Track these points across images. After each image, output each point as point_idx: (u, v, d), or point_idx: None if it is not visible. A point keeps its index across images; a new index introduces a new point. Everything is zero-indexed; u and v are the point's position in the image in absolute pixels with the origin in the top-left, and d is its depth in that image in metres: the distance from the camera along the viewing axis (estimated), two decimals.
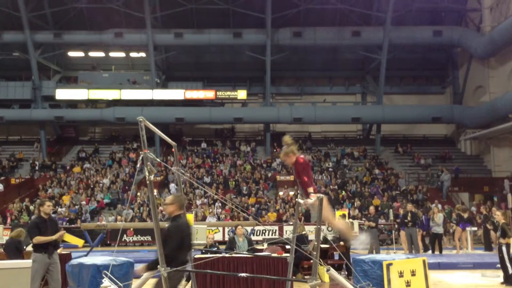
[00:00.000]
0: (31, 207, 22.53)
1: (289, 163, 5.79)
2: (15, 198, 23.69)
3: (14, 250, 9.21)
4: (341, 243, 10.87)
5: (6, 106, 28.36)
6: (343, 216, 13.03)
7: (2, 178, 26.33)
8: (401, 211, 18.30)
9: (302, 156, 5.75)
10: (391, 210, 18.48)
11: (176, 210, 5.37)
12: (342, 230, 5.65)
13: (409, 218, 14.85)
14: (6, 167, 27.60)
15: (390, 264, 7.91)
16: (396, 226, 17.96)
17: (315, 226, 5.61)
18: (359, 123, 30.33)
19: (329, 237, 11.95)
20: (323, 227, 9.69)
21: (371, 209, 15.86)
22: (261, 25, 27.10)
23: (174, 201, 5.42)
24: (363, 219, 19.00)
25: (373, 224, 14.54)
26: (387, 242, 19.05)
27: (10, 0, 26.39)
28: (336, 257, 11.35)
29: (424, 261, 8.28)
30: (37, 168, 27.58)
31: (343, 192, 24.42)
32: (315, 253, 4.99)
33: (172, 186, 23.82)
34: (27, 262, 4.38)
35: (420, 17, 28.29)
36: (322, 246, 9.82)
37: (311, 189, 5.57)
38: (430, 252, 15.71)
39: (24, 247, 9.57)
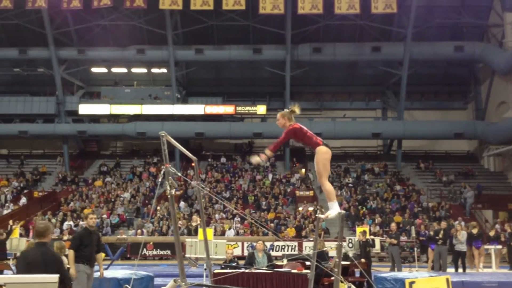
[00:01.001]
0: (53, 220, 22.84)
1: (281, 125, 5.88)
2: (38, 211, 24.06)
3: None
4: (362, 260, 10.72)
5: (30, 121, 28.98)
6: (364, 232, 12.83)
7: (26, 191, 26.80)
8: (423, 228, 18.02)
9: (296, 125, 5.81)
10: (413, 227, 18.18)
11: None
12: (327, 191, 5.58)
13: (440, 236, 14.50)
14: (29, 180, 28.11)
15: (413, 282, 7.74)
16: (418, 243, 17.62)
17: (335, 243, 5.56)
18: (380, 138, 30.10)
19: (350, 253, 11.81)
20: (344, 243, 9.60)
21: (393, 225, 15.65)
22: (280, 41, 27.28)
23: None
24: (385, 236, 18.75)
25: (395, 241, 14.32)
26: (409, 260, 18.70)
27: (35, 17, 27.15)
28: (357, 274, 11.19)
29: (447, 280, 8.07)
30: (59, 181, 28.01)
31: (364, 208, 24.15)
32: (336, 270, 4.95)
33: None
34: (53, 277, 4.41)
35: (441, 33, 28.13)
36: (343, 262, 9.70)
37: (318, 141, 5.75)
38: (453, 270, 15.35)
39: None
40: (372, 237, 14.75)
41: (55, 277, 4.40)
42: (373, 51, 27.24)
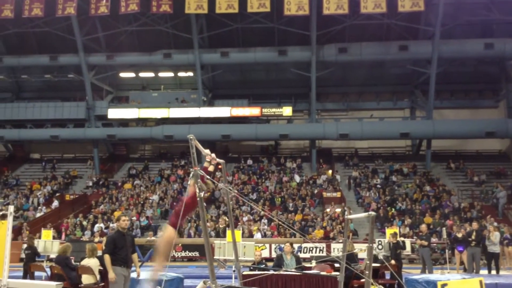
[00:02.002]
0: (84, 223, 23.34)
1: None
2: (70, 214, 24.63)
3: (64, 266, 9.54)
4: (393, 262, 10.58)
5: (61, 126, 29.70)
6: (395, 234, 12.65)
7: (58, 194, 27.47)
8: (455, 229, 17.64)
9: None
10: (443, 229, 17.82)
11: None
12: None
13: (473, 237, 14.19)
14: (61, 183, 28.79)
15: (445, 284, 7.60)
16: (449, 244, 17.28)
17: (365, 244, 5.51)
18: (408, 138, 29.66)
19: (380, 256, 11.67)
20: (374, 245, 9.47)
21: (423, 227, 15.37)
22: (305, 42, 27.19)
23: None
24: (415, 237, 18.47)
25: (426, 243, 14.07)
26: (440, 262, 18.36)
27: (65, 24, 27.82)
28: (388, 276, 11.04)
29: (481, 282, 7.90)
30: (90, 184, 28.62)
31: (393, 209, 23.83)
32: (367, 272, 4.90)
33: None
34: (51, 285, 4.63)
35: (470, 30, 27.52)
36: (374, 265, 9.60)
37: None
38: (486, 272, 14.99)
39: (77, 264, 9.88)
40: (402, 238, 14.54)
41: (52, 285, 4.58)
42: (401, 50, 26.86)
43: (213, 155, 5.86)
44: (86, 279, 9.27)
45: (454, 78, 29.57)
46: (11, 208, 5.63)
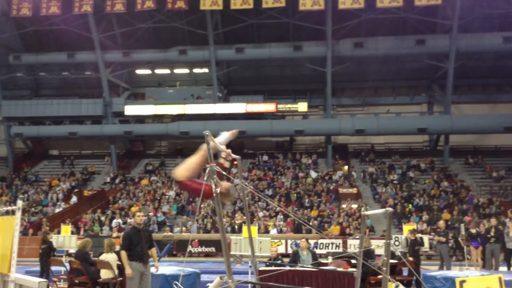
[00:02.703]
0: (102, 218, 23.63)
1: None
2: (88, 210, 24.95)
3: (83, 260, 9.68)
4: (410, 258, 10.49)
5: (79, 122, 30.06)
6: (413, 231, 12.54)
7: (76, 190, 27.84)
8: (471, 225, 17.44)
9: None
10: (462, 225, 17.61)
11: None
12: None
13: (492, 234, 14.01)
14: (79, 180, 29.17)
15: (464, 281, 7.50)
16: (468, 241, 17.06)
17: (381, 241, 5.48)
18: (426, 133, 29.34)
19: (398, 252, 11.58)
20: (391, 242, 9.41)
21: (441, 223, 15.22)
22: (321, 37, 27.03)
23: None
24: (432, 233, 18.29)
25: (443, 239, 13.94)
26: (458, 258, 18.15)
27: (82, 22, 28.09)
28: (405, 273, 10.96)
29: (500, 279, 7.79)
30: (108, 180, 28.94)
31: (410, 205, 23.62)
32: (384, 268, 4.87)
33: None
34: (34, 282, 4.83)
35: (488, 23, 27.04)
36: (391, 261, 9.54)
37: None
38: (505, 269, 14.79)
39: (95, 259, 10.01)
40: (420, 235, 14.41)
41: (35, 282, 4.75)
42: (417, 44, 26.54)
43: (229, 151, 5.85)
44: (104, 273, 9.40)
45: (472, 72, 29.12)
46: (20, 203, 5.68)
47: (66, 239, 15.51)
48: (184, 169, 5.47)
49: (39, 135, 30.86)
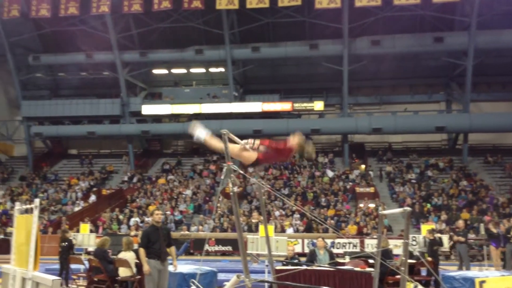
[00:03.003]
0: (121, 217, 23.88)
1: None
2: (106, 208, 25.23)
3: (102, 259, 9.79)
4: (429, 258, 10.38)
5: (97, 122, 30.41)
6: (432, 231, 12.39)
7: (95, 189, 28.18)
8: (491, 226, 17.18)
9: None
10: (481, 224, 17.37)
11: None
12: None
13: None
14: (98, 179, 29.52)
15: (483, 281, 7.43)
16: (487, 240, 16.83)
17: (399, 240, 5.43)
18: (444, 132, 28.98)
19: (416, 252, 11.47)
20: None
21: (460, 223, 15.03)
22: (337, 36, 26.86)
23: None
24: (451, 233, 18.07)
25: (463, 239, 13.75)
26: (477, 258, 17.90)
27: (100, 22, 28.40)
28: (424, 273, 10.85)
29: None
30: (126, 179, 29.23)
31: (428, 205, 23.37)
32: (403, 268, 4.83)
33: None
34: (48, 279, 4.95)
35: (508, 20, 26.44)
36: (409, 261, 9.46)
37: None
38: None
39: (114, 257, 10.12)
40: (439, 235, 14.24)
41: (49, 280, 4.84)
42: (435, 42, 26.22)
43: (245, 141, 5.65)
44: (122, 271, 9.50)
45: (491, 70, 28.65)
46: (37, 202, 5.76)
47: (85, 237, 15.73)
48: (246, 155, 5.43)
49: (58, 135, 31.33)
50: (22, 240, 5.86)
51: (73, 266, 11.74)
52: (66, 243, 11.84)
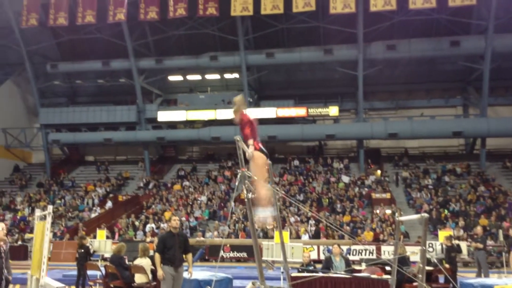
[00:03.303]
0: (136, 223, 24.01)
1: (237, 120, 5.76)
2: (122, 214, 25.41)
3: (118, 265, 9.83)
4: (447, 265, 10.23)
5: (114, 129, 30.72)
6: (449, 237, 12.21)
7: (111, 195, 28.41)
8: (510, 232, 16.91)
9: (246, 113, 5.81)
10: (500, 231, 17.06)
11: None
12: (260, 195, 5.30)
13: None
14: (114, 185, 29.77)
15: None
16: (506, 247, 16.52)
17: (416, 247, 5.36)
18: (461, 137, 28.63)
19: (433, 259, 11.31)
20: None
21: (478, 229, 14.76)
22: (352, 40, 26.79)
23: None
24: (469, 240, 17.81)
25: (481, 246, 13.50)
26: (496, 265, 17.58)
27: (116, 30, 28.76)
28: (441, 280, 10.69)
29: None
30: (141, 185, 29.44)
31: (446, 211, 23.06)
32: (420, 275, 4.77)
33: None
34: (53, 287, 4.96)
35: None
36: (427, 268, 9.32)
37: (250, 141, 5.65)
38: None
39: (130, 263, 10.17)
40: (457, 241, 14.02)
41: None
42: (452, 46, 25.96)
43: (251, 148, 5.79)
44: (138, 278, 9.54)
45: (508, 74, 28.19)
46: (50, 208, 5.82)
47: (101, 243, 15.83)
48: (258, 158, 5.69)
49: (75, 142, 31.74)
50: (37, 246, 5.93)
51: (89, 272, 11.83)
52: (83, 249, 11.94)
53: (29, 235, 23.56)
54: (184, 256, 8.10)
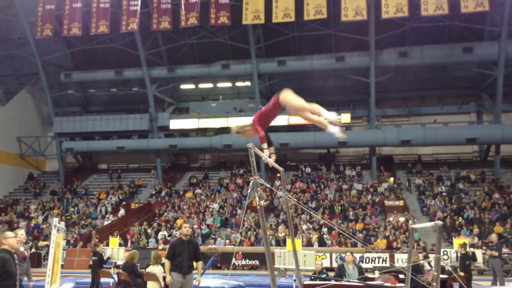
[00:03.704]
0: (149, 231, 24.09)
1: (251, 135, 5.87)
2: (135, 222, 25.52)
3: (131, 272, 9.86)
4: (461, 273, 10.10)
5: (126, 137, 30.97)
6: (464, 245, 12.07)
7: (124, 203, 28.57)
8: None
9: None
10: None
11: None
12: (313, 108, 5.51)
13: None
14: (127, 193, 29.94)
15: None
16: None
17: (431, 255, 5.30)
18: (475, 144, 28.33)
19: (448, 267, 11.18)
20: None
21: (493, 237, 14.57)
22: (364, 47, 26.75)
23: None
24: (484, 247, 17.57)
25: (496, 254, 13.32)
26: None
27: (129, 40, 29.09)
28: None
29: None
30: (154, 193, 29.56)
31: (460, 218, 22.79)
32: (434, 284, 4.72)
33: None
34: None
35: None
36: (441, 276, 9.20)
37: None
38: None
39: (142, 271, 10.19)
40: (472, 249, 13.84)
41: None
42: (465, 52, 25.78)
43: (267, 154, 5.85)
44: (151, 286, 9.54)
45: None
46: (56, 221, 5.89)
47: (114, 251, 15.92)
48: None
49: (88, 150, 32.03)
50: (56, 256, 6.00)
51: (102, 279, 11.87)
52: (97, 257, 12.00)
53: (42, 243, 23.78)
54: (194, 263, 8.12)
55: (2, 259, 5.61)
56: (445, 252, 13.69)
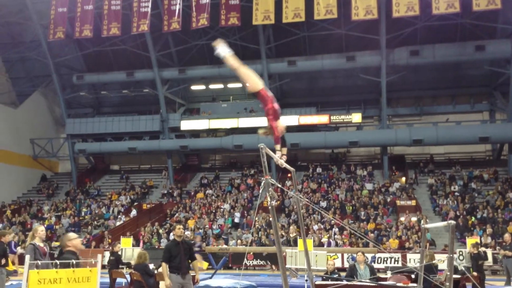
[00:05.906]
0: (161, 231, 24.21)
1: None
2: (147, 223, 25.66)
3: (144, 273, 9.93)
4: (474, 273, 10.01)
5: (138, 138, 31.17)
6: (476, 244, 11.95)
7: (136, 204, 28.75)
8: None
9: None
10: None
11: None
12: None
13: None
14: (138, 193, 30.12)
15: None
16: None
17: (443, 255, 5.27)
18: (488, 143, 28.02)
19: (460, 267, 11.08)
20: (454, 256, 9.02)
21: (507, 236, 14.38)
22: (375, 47, 26.63)
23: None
24: (498, 247, 17.39)
25: (510, 253, 13.16)
26: None
27: (140, 42, 29.27)
28: None
29: None
30: (165, 193, 29.71)
31: (473, 218, 22.58)
32: (447, 284, 4.69)
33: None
34: None
35: None
36: (454, 276, 9.13)
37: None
38: None
39: (155, 271, 10.26)
40: (484, 249, 13.70)
41: None
42: (477, 51, 25.54)
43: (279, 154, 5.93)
44: (163, 285, 9.60)
45: None
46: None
47: (127, 251, 15.99)
48: (252, 82, 6.03)
49: (101, 151, 32.28)
50: None
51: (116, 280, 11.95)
52: (114, 257, 12.08)
53: (55, 243, 23.99)
54: (190, 263, 8.18)
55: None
56: (460, 252, 13.56)
